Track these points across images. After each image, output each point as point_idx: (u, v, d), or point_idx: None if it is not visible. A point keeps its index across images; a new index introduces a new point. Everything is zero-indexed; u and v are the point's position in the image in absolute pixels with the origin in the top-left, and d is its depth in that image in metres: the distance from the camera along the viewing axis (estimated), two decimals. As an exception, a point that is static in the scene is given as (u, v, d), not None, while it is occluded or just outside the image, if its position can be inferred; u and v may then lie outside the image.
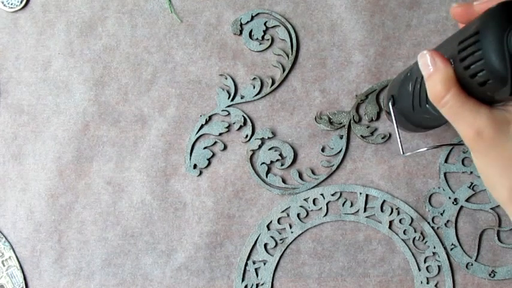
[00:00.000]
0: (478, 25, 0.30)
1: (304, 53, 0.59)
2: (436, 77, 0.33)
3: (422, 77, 0.38)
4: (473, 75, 0.31)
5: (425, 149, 0.47)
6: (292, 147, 0.58)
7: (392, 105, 0.46)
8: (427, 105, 0.39)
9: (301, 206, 0.58)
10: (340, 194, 0.58)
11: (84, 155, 0.59)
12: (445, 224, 0.57)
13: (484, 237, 0.57)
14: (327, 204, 0.58)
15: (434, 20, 0.58)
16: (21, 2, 0.59)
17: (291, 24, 0.59)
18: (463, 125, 0.32)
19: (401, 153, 0.47)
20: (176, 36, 0.59)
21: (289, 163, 0.58)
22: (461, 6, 0.35)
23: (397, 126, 0.46)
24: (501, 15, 0.30)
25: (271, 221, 0.58)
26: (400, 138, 0.47)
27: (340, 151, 0.58)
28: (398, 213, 0.57)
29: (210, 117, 0.59)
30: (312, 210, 0.58)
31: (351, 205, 0.57)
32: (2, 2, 0.59)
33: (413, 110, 0.42)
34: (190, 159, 0.58)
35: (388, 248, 0.57)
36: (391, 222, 0.57)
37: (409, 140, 0.57)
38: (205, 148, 0.58)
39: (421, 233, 0.57)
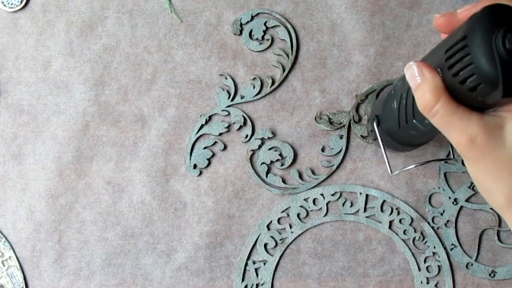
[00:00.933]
0: (464, 30, 0.30)
1: (304, 53, 0.59)
2: (424, 87, 0.33)
3: (407, 93, 0.38)
4: (463, 81, 0.31)
5: (414, 166, 0.47)
6: (292, 147, 0.58)
7: (377, 125, 0.46)
8: (414, 121, 0.38)
9: (301, 206, 0.58)
10: (340, 194, 0.58)
11: (84, 155, 0.59)
12: (445, 224, 0.57)
13: (484, 237, 0.57)
14: (327, 204, 0.58)
15: (434, 20, 0.58)
16: (21, 2, 0.59)
17: (291, 24, 0.59)
18: (455, 133, 0.32)
19: (390, 172, 0.47)
20: (176, 36, 0.59)
21: (289, 163, 0.58)
22: (444, 16, 0.35)
23: (383, 146, 0.46)
24: (488, 19, 0.29)
25: (271, 221, 0.58)
26: (387, 157, 0.46)
27: (340, 151, 0.58)
28: (398, 213, 0.57)
29: (210, 117, 0.59)
30: (312, 210, 0.58)
31: (351, 205, 0.57)
32: (2, 2, 0.59)
33: (399, 128, 0.41)
34: (190, 159, 0.58)
35: (388, 248, 0.57)
36: (391, 222, 0.57)
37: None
38: (205, 148, 0.58)
39: (421, 233, 0.57)
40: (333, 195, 0.58)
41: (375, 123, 0.46)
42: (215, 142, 0.58)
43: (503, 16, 0.29)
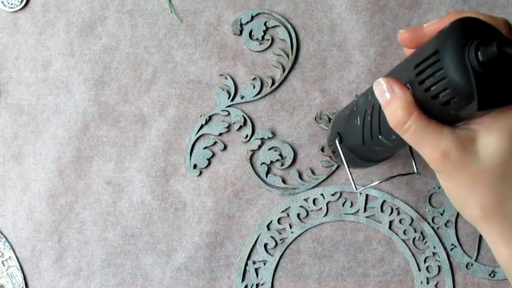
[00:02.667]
0: (435, 45, 0.30)
1: (304, 53, 0.59)
2: (395, 103, 0.32)
3: (372, 109, 0.37)
4: (436, 96, 0.30)
5: (378, 182, 0.47)
6: (292, 147, 0.58)
7: (339, 143, 0.45)
8: (380, 136, 0.38)
9: (301, 206, 0.58)
10: (340, 194, 0.58)
11: (84, 155, 0.58)
12: (445, 224, 0.57)
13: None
14: (327, 204, 0.58)
15: (434, 20, 0.58)
16: (21, 2, 0.59)
17: (291, 24, 0.59)
18: (428, 148, 0.32)
19: (355, 189, 0.46)
20: (176, 36, 0.59)
21: (289, 163, 0.58)
22: (409, 31, 0.35)
23: (346, 163, 0.45)
24: (459, 32, 0.29)
25: (271, 221, 0.58)
26: (351, 175, 0.46)
27: (340, 151, 0.58)
28: (398, 213, 0.57)
29: (210, 117, 0.59)
30: (312, 210, 0.58)
31: (351, 205, 0.57)
32: (2, 2, 0.59)
33: (364, 144, 0.41)
34: (190, 159, 0.58)
35: (388, 248, 0.57)
36: (391, 222, 0.57)
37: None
38: (205, 148, 0.58)
39: (421, 233, 0.57)
40: (333, 195, 0.58)
41: (337, 141, 0.45)
42: (215, 142, 0.58)
43: (474, 29, 0.29)
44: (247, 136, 0.58)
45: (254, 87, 0.58)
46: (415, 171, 0.47)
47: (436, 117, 0.32)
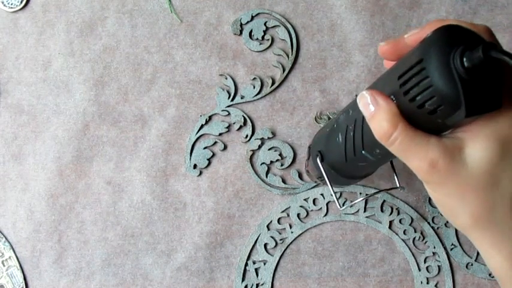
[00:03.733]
0: (419, 53, 0.29)
1: (304, 53, 0.59)
2: (380, 116, 0.32)
3: (354, 124, 0.37)
4: (421, 105, 0.30)
5: (361, 199, 0.46)
6: (292, 147, 0.58)
7: (321, 161, 0.44)
8: (363, 151, 0.37)
9: (301, 206, 0.58)
10: (340, 194, 0.58)
11: (84, 155, 0.59)
12: (445, 224, 0.57)
13: (484, 237, 0.57)
14: (327, 204, 0.58)
15: (434, 20, 0.58)
16: (21, 2, 0.59)
17: (291, 24, 0.59)
18: (415, 159, 0.31)
19: (339, 207, 0.46)
20: (176, 36, 0.59)
21: (289, 163, 0.58)
22: (390, 43, 0.34)
23: (329, 182, 0.45)
24: (443, 40, 0.29)
25: (271, 221, 0.58)
26: (334, 193, 0.46)
27: (340, 151, 0.58)
28: (399, 213, 0.57)
29: (210, 117, 0.59)
30: (312, 210, 0.58)
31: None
32: (2, 2, 0.59)
33: (347, 161, 0.40)
34: (190, 159, 0.58)
35: (388, 248, 0.57)
36: (391, 222, 0.57)
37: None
38: (205, 148, 0.58)
39: (421, 233, 0.57)
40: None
41: (318, 160, 0.44)
42: (215, 142, 0.58)
43: (457, 36, 0.29)
44: (247, 136, 0.58)
45: (254, 87, 0.58)
46: (398, 186, 0.47)
47: (422, 127, 0.32)
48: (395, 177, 0.48)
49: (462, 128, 0.31)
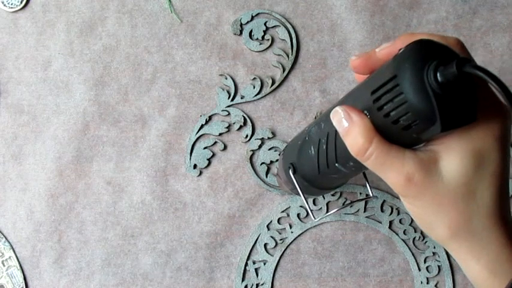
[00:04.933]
0: (392, 69, 0.29)
1: (304, 53, 0.59)
2: (354, 131, 0.32)
3: (327, 138, 0.37)
4: (396, 121, 0.30)
5: (336, 210, 0.46)
6: (292, 147, 0.58)
7: (293, 173, 0.44)
8: (337, 164, 0.37)
9: (301, 206, 0.58)
10: (340, 194, 0.58)
11: (84, 155, 0.59)
12: (445, 224, 0.57)
13: (484, 237, 0.57)
14: (327, 204, 0.58)
15: (434, 20, 0.58)
16: (21, 2, 0.59)
17: (291, 25, 0.59)
18: (391, 174, 0.32)
19: (313, 218, 0.46)
20: (176, 36, 0.59)
21: (289, 163, 0.58)
22: (361, 57, 0.34)
23: (303, 194, 0.45)
24: (416, 55, 0.29)
25: (271, 221, 0.58)
26: (308, 205, 0.46)
27: (340, 151, 0.58)
28: (398, 213, 0.57)
29: (210, 117, 0.59)
30: (312, 210, 0.58)
31: (351, 205, 0.57)
32: (2, 2, 0.59)
33: (319, 173, 0.40)
34: (190, 159, 0.58)
35: (388, 248, 0.57)
36: (391, 222, 0.57)
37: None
38: (205, 148, 0.58)
39: (421, 233, 0.57)
40: (333, 195, 0.58)
41: (291, 172, 0.44)
42: (215, 142, 0.58)
43: (430, 51, 0.29)
44: (247, 136, 0.58)
45: (254, 87, 0.58)
46: (371, 195, 0.47)
47: (397, 142, 0.32)
48: (368, 186, 0.48)
49: (437, 140, 0.31)
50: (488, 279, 0.32)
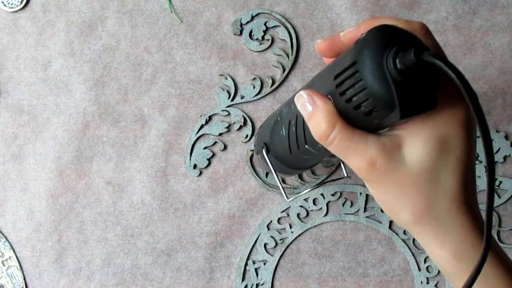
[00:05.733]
0: (353, 55, 0.29)
1: (305, 53, 0.59)
2: (318, 116, 0.32)
3: (296, 119, 0.37)
4: (358, 107, 0.30)
5: (309, 189, 0.46)
6: (292, 147, 0.58)
7: (267, 153, 0.44)
8: (306, 146, 0.37)
9: (301, 206, 0.58)
10: (340, 194, 0.58)
11: (84, 155, 0.59)
12: (445, 224, 0.57)
13: (484, 237, 0.57)
14: (327, 204, 0.58)
15: (434, 20, 0.58)
16: (21, 2, 0.59)
17: (291, 25, 0.59)
18: (354, 159, 0.32)
19: (286, 198, 0.46)
20: (176, 36, 0.59)
21: (289, 163, 0.58)
22: (326, 41, 0.34)
23: (275, 173, 0.45)
24: (376, 41, 0.28)
25: (271, 221, 0.58)
26: (281, 184, 0.46)
27: (340, 151, 0.58)
28: (398, 213, 0.57)
29: (210, 117, 0.59)
30: (312, 210, 0.58)
31: (351, 205, 0.57)
32: (2, 2, 0.59)
33: (291, 153, 0.40)
34: (190, 159, 0.58)
35: (388, 248, 0.57)
36: (391, 222, 0.57)
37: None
38: (205, 148, 0.58)
39: (421, 233, 0.57)
40: (333, 195, 0.58)
41: (264, 151, 0.44)
42: (215, 142, 0.58)
43: (390, 37, 0.28)
44: (247, 136, 0.58)
45: (254, 87, 0.58)
46: (345, 175, 0.47)
47: (361, 127, 0.31)
48: (342, 166, 0.48)
49: (400, 125, 0.31)
50: (452, 265, 0.32)
